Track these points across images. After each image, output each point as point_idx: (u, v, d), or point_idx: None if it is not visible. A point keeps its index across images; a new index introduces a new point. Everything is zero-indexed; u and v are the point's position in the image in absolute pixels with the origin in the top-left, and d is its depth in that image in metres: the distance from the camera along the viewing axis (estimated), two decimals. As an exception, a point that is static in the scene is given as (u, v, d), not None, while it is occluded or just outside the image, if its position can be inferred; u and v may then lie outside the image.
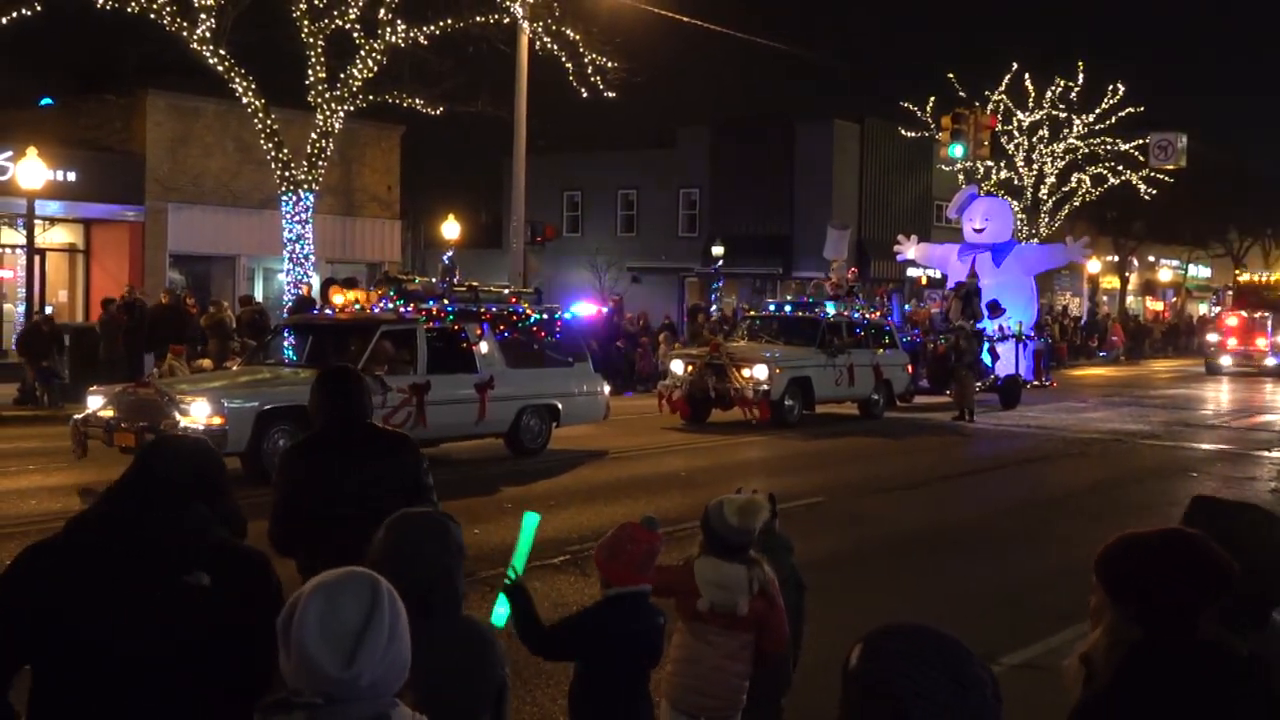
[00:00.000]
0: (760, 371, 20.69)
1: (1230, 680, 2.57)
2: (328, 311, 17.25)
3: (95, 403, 14.45)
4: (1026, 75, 45.03)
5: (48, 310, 23.45)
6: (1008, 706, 2.23)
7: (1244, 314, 40.15)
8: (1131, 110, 45.59)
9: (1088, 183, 47.71)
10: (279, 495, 4.94)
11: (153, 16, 21.99)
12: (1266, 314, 39.46)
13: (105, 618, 2.95)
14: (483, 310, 16.64)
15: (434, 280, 17.71)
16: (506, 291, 18.37)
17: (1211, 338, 42.65)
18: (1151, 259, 64.48)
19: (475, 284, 17.72)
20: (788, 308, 24.90)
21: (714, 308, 37.88)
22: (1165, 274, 65.86)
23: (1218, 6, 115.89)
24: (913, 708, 2.06)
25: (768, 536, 5.30)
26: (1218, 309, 59.98)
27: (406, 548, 3.30)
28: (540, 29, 24.62)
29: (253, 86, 23.43)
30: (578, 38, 24.48)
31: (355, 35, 23.69)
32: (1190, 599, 2.61)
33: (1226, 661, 2.59)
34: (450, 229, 36.16)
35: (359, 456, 4.91)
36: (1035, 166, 47.14)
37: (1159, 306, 65.65)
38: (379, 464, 4.92)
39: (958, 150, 33.99)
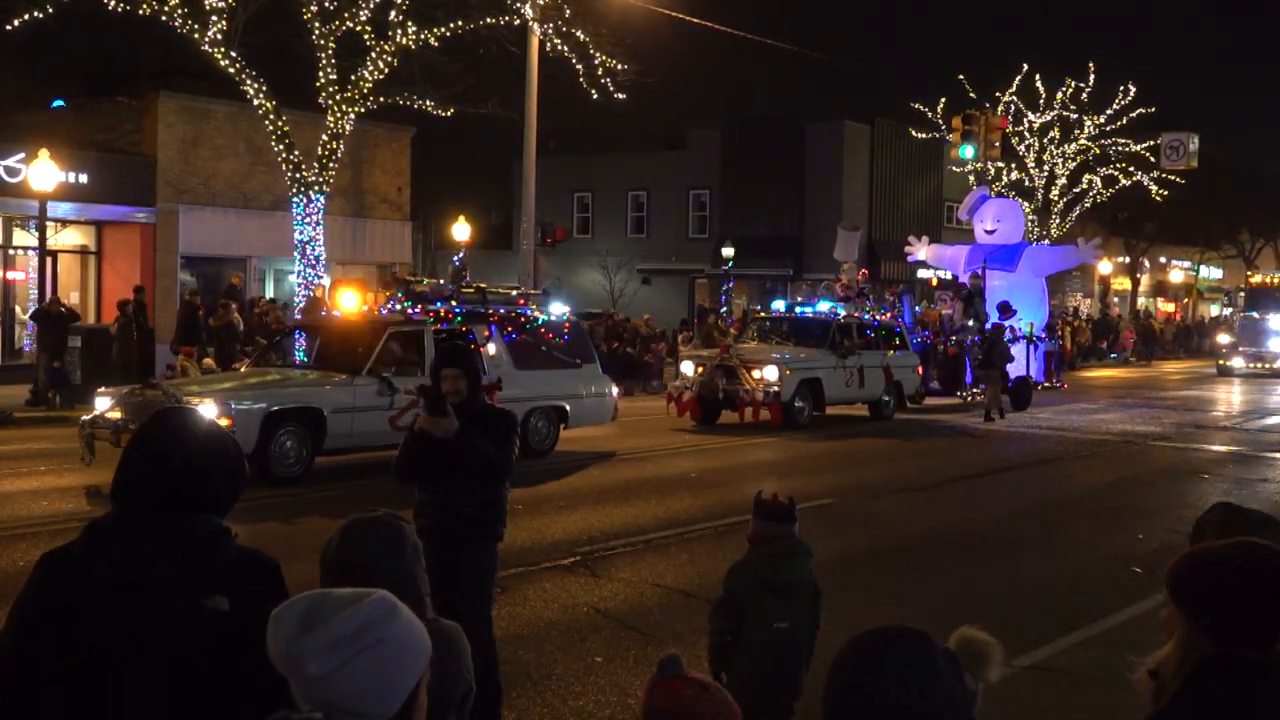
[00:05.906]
0: (770, 373, 20.67)
1: None
2: (335, 313, 17.25)
3: (103, 404, 14.47)
4: (1037, 76, 44.94)
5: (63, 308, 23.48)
6: (1017, 708, 2.21)
7: (1255, 315, 40.03)
8: (1143, 111, 45.46)
9: (1099, 184, 47.57)
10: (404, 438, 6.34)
11: (164, 19, 22.02)
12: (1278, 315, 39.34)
13: (122, 644, 2.74)
14: (490, 312, 16.64)
15: (441, 282, 17.72)
16: (514, 293, 18.38)
17: (1223, 339, 42.53)
18: (1163, 260, 64.31)
19: (483, 285, 17.73)
20: (798, 308, 24.87)
21: (724, 309, 37.85)
22: (1177, 275, 65.66)
23: (1230, 7, 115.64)
24: (866, 713, 2.14)
25: (787, 542, 5.29)
26: (1229, 310, 59.80)
27: (360, 553, 3.17)
28: (550, 31, 24.60)
29: (264, 89, 23.43)
30: (588, 39, 24.45)
31: (366, 37, 23.69)
32: (1266, 612, 2.55)
33: None
34: (460, 230, 36.15)
35: (464, 419, 6.04)
36: (1046, 167, 47.02)
37: (1170, 308, 65.45)
38: (477, 427, 6.07)
39: (969, 151, 33.97)
